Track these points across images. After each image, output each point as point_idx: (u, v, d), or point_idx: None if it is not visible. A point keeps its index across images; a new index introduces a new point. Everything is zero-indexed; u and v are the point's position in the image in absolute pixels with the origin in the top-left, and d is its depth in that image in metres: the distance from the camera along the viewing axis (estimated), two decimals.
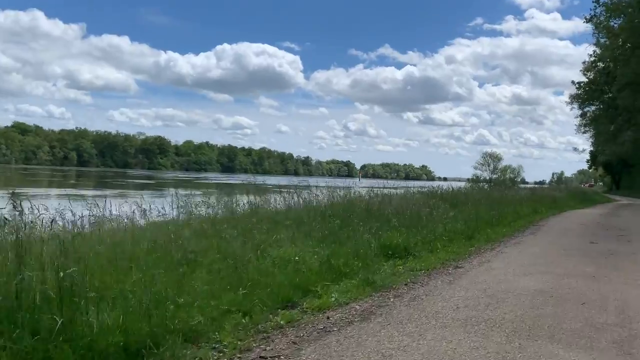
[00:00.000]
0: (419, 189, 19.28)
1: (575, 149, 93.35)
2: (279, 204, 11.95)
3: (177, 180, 74.12)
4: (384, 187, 17.76)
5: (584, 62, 36.53)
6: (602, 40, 32.13)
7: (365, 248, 7.61)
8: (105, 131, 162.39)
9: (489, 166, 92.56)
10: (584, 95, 33.90)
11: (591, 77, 33.39)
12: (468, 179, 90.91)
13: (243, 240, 6.78)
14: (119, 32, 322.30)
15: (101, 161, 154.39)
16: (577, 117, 39.86)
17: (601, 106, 35.61)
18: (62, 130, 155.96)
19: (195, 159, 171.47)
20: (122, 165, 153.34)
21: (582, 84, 33.68)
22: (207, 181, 69.71)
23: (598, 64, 32.47)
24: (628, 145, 58.30)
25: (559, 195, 31.33)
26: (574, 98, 37.38)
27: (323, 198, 12.62)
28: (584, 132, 55.02)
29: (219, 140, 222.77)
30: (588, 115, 38.53)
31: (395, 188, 19.12)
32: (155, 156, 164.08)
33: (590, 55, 32.59)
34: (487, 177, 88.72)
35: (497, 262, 8.44)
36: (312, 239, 7.69)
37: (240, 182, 27.61)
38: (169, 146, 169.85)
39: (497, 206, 16.87)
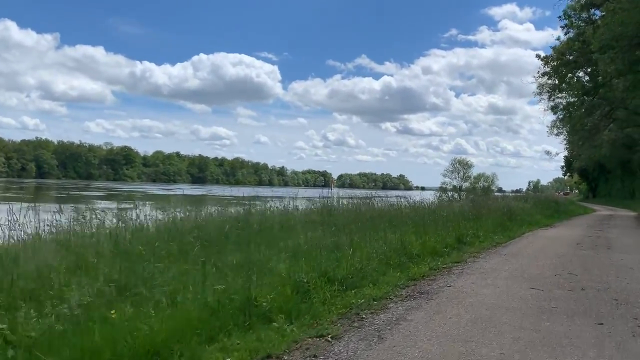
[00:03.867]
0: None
1: (547, 153, 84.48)
2: None
3: (112, 191, 64.78)
4: None
5: (553, 47, 27.20)
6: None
7: None
8: (68, 141, 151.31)
9: (458, 173, 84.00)
10: (554, 75, 24.61)
11: (563, 51, 24.19)
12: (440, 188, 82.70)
13: None
14: (93, 42, 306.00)
15: (63, 172, 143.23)
16: (547, 109, 30.57)
17: (576, 92, 26.41)
18: (22, 141, 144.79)
19: (164, 170, 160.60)
20: (85, 177, 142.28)
21: (551, 58, 24.40)
22: (153, 193, 60.47)
23: (570, 31, 23.29)
24: (606, 147, 49.48)
25: (523, 207, 22.00)
26: (542, 83, 28.18)
27: None
28: (557, 134, 46.39)
29: (197, 151, 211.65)
30: (560, 107, 29.27)
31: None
32: (121, 167, 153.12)
33: (560, 17, 23.42)
34: (457, 185, 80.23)
35: None
36: None
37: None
38: (136, 157, 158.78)
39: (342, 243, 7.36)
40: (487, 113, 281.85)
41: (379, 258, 7.12)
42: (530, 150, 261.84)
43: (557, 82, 27.35)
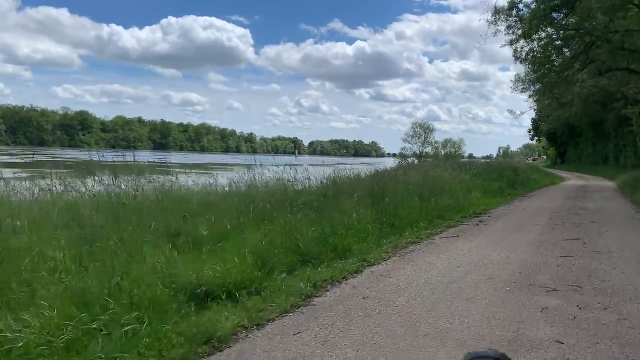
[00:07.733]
0: None
1: (511, 112, 75.06)
2: None
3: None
4: None
5: None
6: None
7: None
8: (16, 105, 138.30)
9: (419, 138, 75.29)
10: None
11: None
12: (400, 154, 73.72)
13: None
14: (56, 3, 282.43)
15: (12, 138, 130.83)
16: (504, 44, 21.68)
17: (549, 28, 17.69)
18: None
19: (123, 136, 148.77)
20: (37, 143, 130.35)
21: None
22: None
23: None
24: (577, 103, 41.13)
25: (457, 178, 13.59)
26: (498, 9, 19.39)
27: None
28: (523, 90, 37.56)
29: (169, 117, 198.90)
30: (519, 34, 20.41)
31: None
32: (77, 133, 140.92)
33: None
34: (418, 151, 71.43)
35: None
36: None
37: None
38: (93, 121, 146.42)
39: None
40: (459, 79, 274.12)
41: None
42: (501, 117, 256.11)
43: None
